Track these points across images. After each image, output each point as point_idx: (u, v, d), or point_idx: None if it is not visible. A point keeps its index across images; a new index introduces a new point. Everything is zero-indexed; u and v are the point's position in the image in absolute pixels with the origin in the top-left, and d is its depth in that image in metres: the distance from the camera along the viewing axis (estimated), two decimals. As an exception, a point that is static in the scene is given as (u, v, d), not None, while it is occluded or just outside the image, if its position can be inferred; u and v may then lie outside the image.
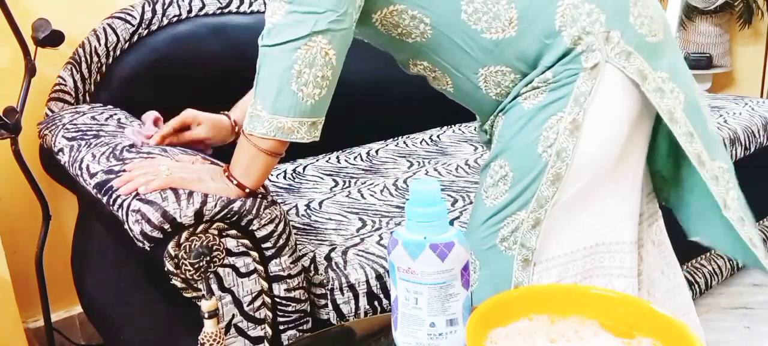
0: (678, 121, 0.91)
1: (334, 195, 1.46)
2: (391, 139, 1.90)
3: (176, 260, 0.91)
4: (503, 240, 0.94)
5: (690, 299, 1.13)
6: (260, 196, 0.97)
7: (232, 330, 0.99)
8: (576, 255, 0.94)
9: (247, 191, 0.95)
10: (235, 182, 0.94)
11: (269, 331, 1.02)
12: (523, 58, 0.91)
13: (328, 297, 1.08)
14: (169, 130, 1.14)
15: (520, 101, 0.93)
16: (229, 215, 0.94)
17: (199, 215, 0.91)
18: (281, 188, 1.53)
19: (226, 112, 1.18)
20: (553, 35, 0.89)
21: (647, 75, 0.90)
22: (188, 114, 1.15)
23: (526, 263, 0.93)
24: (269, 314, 1.02)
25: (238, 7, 1.68)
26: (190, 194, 0.91)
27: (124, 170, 0.98)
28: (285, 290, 1.01)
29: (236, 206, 0.94)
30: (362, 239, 1.20)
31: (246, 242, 0.97)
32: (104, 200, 0.97)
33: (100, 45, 1.49)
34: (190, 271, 0.92)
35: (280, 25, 0.86)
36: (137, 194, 0.91)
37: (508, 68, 0.93)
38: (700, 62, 3.12)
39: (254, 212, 0.96)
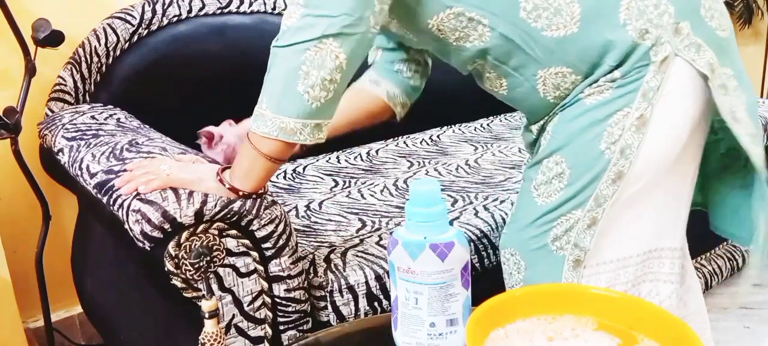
0: (741, 120, 0.88)
1: (334, 195, 1.46)
2: (391, 139, 1.90)
3: (176, 260, 0.91)
4: (555, 239, 0.91)
5: (706, 322, 1.08)
6: (260, 196, 0.97)
7: (232, 330, 0.99)
8: (629, 262, 0.91)
9: (242, 193, 0.93)
10: (227, 186, 0.92)
11: (269, 331, 1.02)
12: (586, 57, 0.88)
13: (328, 299, 1.07)
14: None
15: (581, 98, 0.89)
16: (229, 215, 0.94)
17: (199, 215, 0.91)
18: (281, 188, 1.53)
19: None
20: (618, 30, 0.86)
21: (715, 69, 0.87)
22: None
23: (577, 264, 0.91)
24: (269, 314, 1.02)
25: (238, 7, 1.68)
26: (191, 193, 0.91)
27: (124, 170, 0.98)
28: (285, 290, 1.01)
29: (236, 206, 0.94)
30: (362, 240, 1.20)
31: (246, 242, 0.97)
32: (104, 199, 0.97)
33: (100, 45, 1.49)
34: (190, 271, 0.92)
35: (294, 28, 0.84)
36: (137, 194, 0.91)
37: (569, 69, 0.89)
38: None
39: (254, 212, 0.96)
